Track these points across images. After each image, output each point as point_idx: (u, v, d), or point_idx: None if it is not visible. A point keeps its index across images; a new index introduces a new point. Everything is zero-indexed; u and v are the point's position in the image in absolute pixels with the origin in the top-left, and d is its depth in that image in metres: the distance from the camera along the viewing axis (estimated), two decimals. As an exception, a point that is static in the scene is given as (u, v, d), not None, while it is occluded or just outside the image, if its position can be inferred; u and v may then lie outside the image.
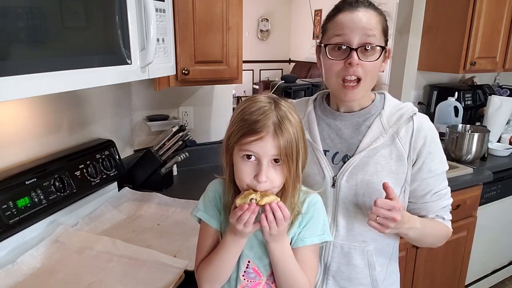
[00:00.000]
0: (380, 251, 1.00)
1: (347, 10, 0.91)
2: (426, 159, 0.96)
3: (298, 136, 0.77)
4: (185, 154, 1.68)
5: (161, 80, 1.41)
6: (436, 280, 2.01)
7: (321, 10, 6.56)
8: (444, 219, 1.02)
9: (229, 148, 0.79)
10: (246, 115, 0.76)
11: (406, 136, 0.96)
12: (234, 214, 0.73)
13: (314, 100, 1.07)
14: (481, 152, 2.08)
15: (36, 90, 0.75)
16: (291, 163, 0.76)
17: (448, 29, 2.34)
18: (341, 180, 0.96)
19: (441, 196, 1.01)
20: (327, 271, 1.00)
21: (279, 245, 0.78)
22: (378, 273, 1.00)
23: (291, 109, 0.79)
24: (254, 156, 0.75)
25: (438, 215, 1.02)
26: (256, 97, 0.79)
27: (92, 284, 0.99)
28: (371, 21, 0.89)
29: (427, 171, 0.97)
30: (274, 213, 0.72)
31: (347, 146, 0.98)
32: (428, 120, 0.99)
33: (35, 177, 1.14)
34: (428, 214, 1.02)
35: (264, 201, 0.72)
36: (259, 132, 0.73)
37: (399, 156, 0.95)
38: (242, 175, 0.76)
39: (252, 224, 0.73)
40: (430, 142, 0.96)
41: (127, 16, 0.95)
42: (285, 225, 0.76)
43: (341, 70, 0.91)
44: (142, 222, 1.37)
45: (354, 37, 0.88)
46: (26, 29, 0.72)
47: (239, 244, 0.79)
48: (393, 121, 0.96)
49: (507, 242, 2.41)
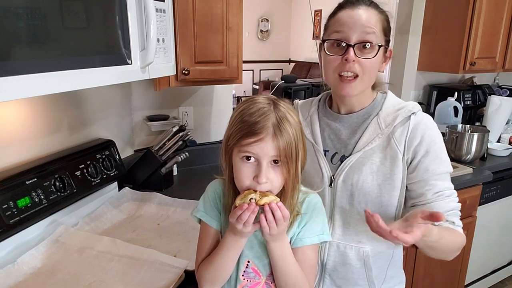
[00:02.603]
0: (378, 253, 0.99)
1: (348, 7, 0.91)
2: (423, 158, 0.92)
3: (297, 136, 0.77)
4: (185, 154, 1.68)
5: (161, 80, 1.42)
6: (436, 280, 2.01)
7: (321, 10, 6.56)
8: (454, 223, 0.93)
9: (228, 150, 0.78)
10: (245, 117, 0.75)
11: (401, 136, 0.94)
12: (234, 214, 0.73)
13: (318, 100, 1.08)
14: (481, 152, 2.08)
15: (37, 90, 0.76)
16: (291, 164, 0.76)
17: (448, 29, 2.34)
18: (338, 179, 0.96)
19: (444, 197, 0.93)
20: (324, 269, 1.01)
21: (278, 244, 0.78)
22: (376, 275, 1.00)
23: (290, 110, 0.78)
24: (253, 158, 0.75)
25: (447, 220, 0.92)
26: (255, 98, 0.79)
27: (93, 283, 1.00)
28: (371, 19, 0.90)
29: (423, 170, 0.92)
30: (274, 213, 0.72)
31: (345, 147, 0.98)
32: (427, 119, 0.96)
33: (36, 177, 1.14)
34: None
35: (263, 201, 0.72)
36: (258, 134, 0.73)
37: (393, 157, 0.93)
38: (242, 176, 0.76)
39: (252, 224, 0.73)
40: (427, 141, 0.92)
41: (127, 16, 0.95)
42: (285, 225, 0.75)
43: (337, 66, 0.91)
44: (142, 222, 1.37)
45: (352, 34, 0.89)
46: (26, 29, 0.72)
47: (239, 244, 0.79)
48: (389, 121, 0.95)
49: (507, 242, 2.41)
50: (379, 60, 0.93)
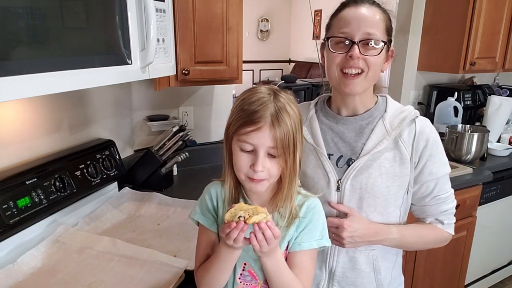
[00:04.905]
0: (385, 255, 1.00)
1: (352, 6, 0.92)
2: (427, 162, 0.95)
3: (296, 128, 0.77)
4: (185, 154, 1.68)
5: (161, 80, 1.41)
6: (436, 280, 2.01)
7: (321, 10, 6.55)
8: (443, 223, 1.01)
9: (229, 138, 0.80)
10: (245, 105, 0.76)
11: (409, 139, 0.95)
12: (223, 230, 0.73)
13: (315, 104, 1.07)
14: (481, 152, 2.08)
15: (37, 90, 0.76)
16: (288, 155, 0.76)
17: (448, 29, 2.34)
18: (345, 183, 0.95)
19: (441, 200, 1.00)
20: (332, 276, 1.00)
21: (271, 259, 0.77)
22: (384, 277, 1.00)
23: (290, 101, 0.79)
24: (251, 146, 0.75)
25: (437, 219, 1.01)
26: (256, 88, 0.80)
27: (93, 283, 1.00)
28: (375, 17, 0.90)
29: (428, 173, 0.96)
30: (264, 233, 0.71)
31: (351, 150, 0.97)
32: (429, 123, 0.99)
33: (36, 177, 1.14)
34: (427, 217, 1.03)
35: (252, 220, 0.70)
36: (256, 123, 0.74)
37: (402, 158, 0.95)
38: (240, 164, 0.77)
39: (243, 240, 0.72)
40: (431, 144, 0.95)
41: (127, 16, 0.95)
42: (276, 243, 0.74)
43: (341, 61, 0.91)
44: (142, 222, 1.37)
45: (356, 32, 0.89)
46: (27, 29, 0.72)
47: (233, 255, 0.78)
48: (396, 124, 0.95)
49: (507, 242, 2.41)
50: (382, 58, 0.93)
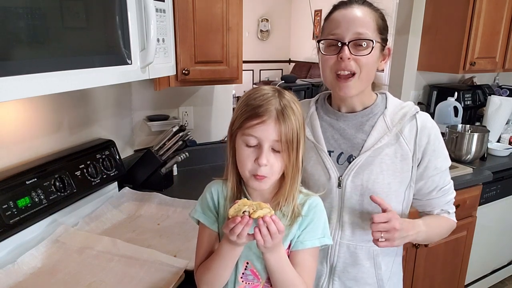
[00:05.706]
0: (385, 250, 1.00)
1: (342, 7, 0.93)
2: (431, 157, 0.97)
3: (300, 126, 0.79)
4: (185, 154, 1.68)
5: (161, 80, 1.42)
6: (436, 279, 2.01)
7: (321, 10, 6.55)
8: (449, 213, 1.05)
9: (233, 134, 0.81)
10: (250, 101, 0.78)
11: (410, 135, 0.96)
12: (227, 226, 0.72)
13: (316, 101, 1.07)
14: (481, 152, 2.08)
15: (37, 90, 0.76)
16: (291, 151, 0.77)
17: (448, 29, 2.34)
18: (346, 180, 0.96)
19: (446, 191, 1.03)
20: (333, 271, 1.00)
21: (274, 255, 0.77)
22: (384, 272, 1.00)
23: (294, 100, 0.81)
24: (256, 141, 0.76)
25: (443, 210, 1.05)
26: (260, 87, 0.82)
27: (93, 283, 1.00)
28: (364, 17, 0.90)
29: (433, 168, 0.98)
30: (268, 227, 0.71)
31: (351, 146, 0.98)
32: (430, 118, 1.00)
33: (36, 177, 1.14)
34: (434, 209, 1.05)
35: (257, 214, 0.70)
36: (261, 116, 0.75)
37: (403, 155, 0.95)
38: (244, 158, 0.78)
39: (246, 236, 0.72)
40: (434, 140, 0.97)
41: (127, 16, 0.95)
42: (280, 238, 0.74)
43: (334, 65, 0.92)
44: (142, 222, 1.37)
45: (346, 33, 0.90)
46: (27, 29, 0.72)
47: (235, 252, 0.78)
48: (397, 120, 0.96)
49: (507, 242, 2.41)
50: (375, 58, 0.92)
